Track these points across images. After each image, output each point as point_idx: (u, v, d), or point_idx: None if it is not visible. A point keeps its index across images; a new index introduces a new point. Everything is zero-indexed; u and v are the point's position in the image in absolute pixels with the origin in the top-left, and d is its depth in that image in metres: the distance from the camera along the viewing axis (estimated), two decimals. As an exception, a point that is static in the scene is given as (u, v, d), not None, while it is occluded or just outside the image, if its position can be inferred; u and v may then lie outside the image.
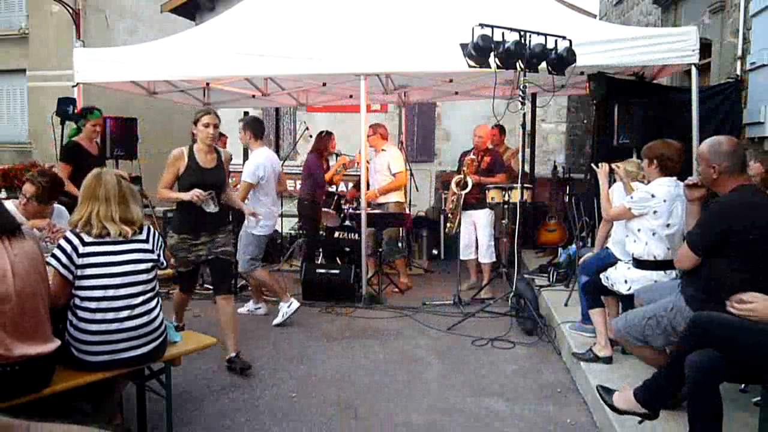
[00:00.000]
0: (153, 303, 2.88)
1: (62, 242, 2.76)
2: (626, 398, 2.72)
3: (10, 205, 3.70)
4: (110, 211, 2.79)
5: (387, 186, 6.68)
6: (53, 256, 2.73)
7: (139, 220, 2.88)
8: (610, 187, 4.30)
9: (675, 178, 3.71)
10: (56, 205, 3.95)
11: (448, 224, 6.48)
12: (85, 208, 2.82)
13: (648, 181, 3.87)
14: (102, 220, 2.77)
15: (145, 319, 2.81)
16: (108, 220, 2.78)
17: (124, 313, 2.75)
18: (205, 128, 4.07)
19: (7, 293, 2.34)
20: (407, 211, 6.92)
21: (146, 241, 2.89)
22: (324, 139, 7.19)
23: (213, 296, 4.54)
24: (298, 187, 8.25)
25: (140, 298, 2.81)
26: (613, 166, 4.30)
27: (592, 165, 4.49)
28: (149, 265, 2.89)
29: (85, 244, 2.74)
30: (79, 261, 2.72)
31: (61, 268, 2.71)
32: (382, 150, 6.81)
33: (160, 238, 3.00)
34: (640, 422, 2.76)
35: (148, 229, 2.94)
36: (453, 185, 6.28)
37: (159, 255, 2.95)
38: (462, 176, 6.20)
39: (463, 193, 6.16)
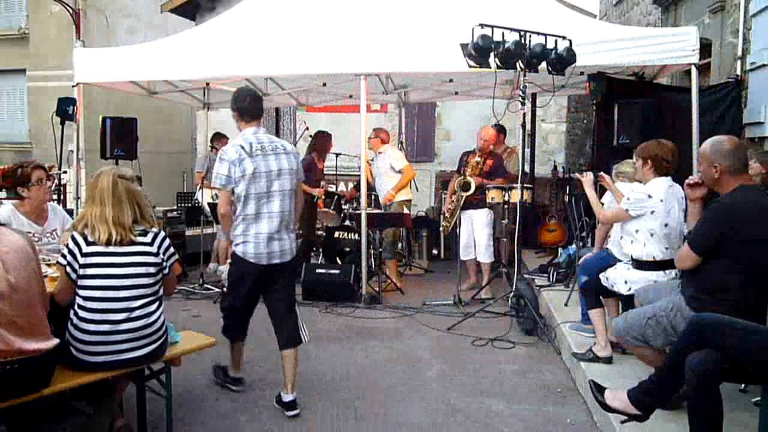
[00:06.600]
0: (153, 306, 2.86)
1: (69, 242, 2.81)
2: (618, 397, 2.70)
3: (6, 210, 3.70)
4: (104, 213, 2.79)
5: (399, 183, 6.70)
6: (62, 255, 2.80)
7: (128, 223, 2.81)
8: (607, 188, 4.30)
9: (669, 178, 3.71)
10: (51, 203, 3.93)
11: (443, 224, 6.48)
12: (86, 209, 2.85)
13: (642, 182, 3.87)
14: (96, 221, 2.78)
15: (143, 322, 2.81)
16: (101, 222, 2.77)
17: (122, 316, 2.75)
18: None
19: (0, 289, 2.34)
20: (407, 211, 6.91)
21: (150, 244, 2.86)
22: (324, 138, 7.20)
23: None
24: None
25: (140, 302, 2.80)
26: (600, 174, 4.32)
27: (576, 173, 4.50)
28: (152, 269, 2.86)
29: (88, 243, 2.77)
30: (82, 260, 2.75)
31: (67, 267, 2.77)
32: (380, 152, 6.82)
33: (170, 245, 2.96)
34: (623, 422, 2.75)
35: (156, 233, 2.90)
36: (455, 186, 6.26)
37: (164, 260, 2.91)
38: (463, 178, 6.19)
39: (465, 195, 6.16)
